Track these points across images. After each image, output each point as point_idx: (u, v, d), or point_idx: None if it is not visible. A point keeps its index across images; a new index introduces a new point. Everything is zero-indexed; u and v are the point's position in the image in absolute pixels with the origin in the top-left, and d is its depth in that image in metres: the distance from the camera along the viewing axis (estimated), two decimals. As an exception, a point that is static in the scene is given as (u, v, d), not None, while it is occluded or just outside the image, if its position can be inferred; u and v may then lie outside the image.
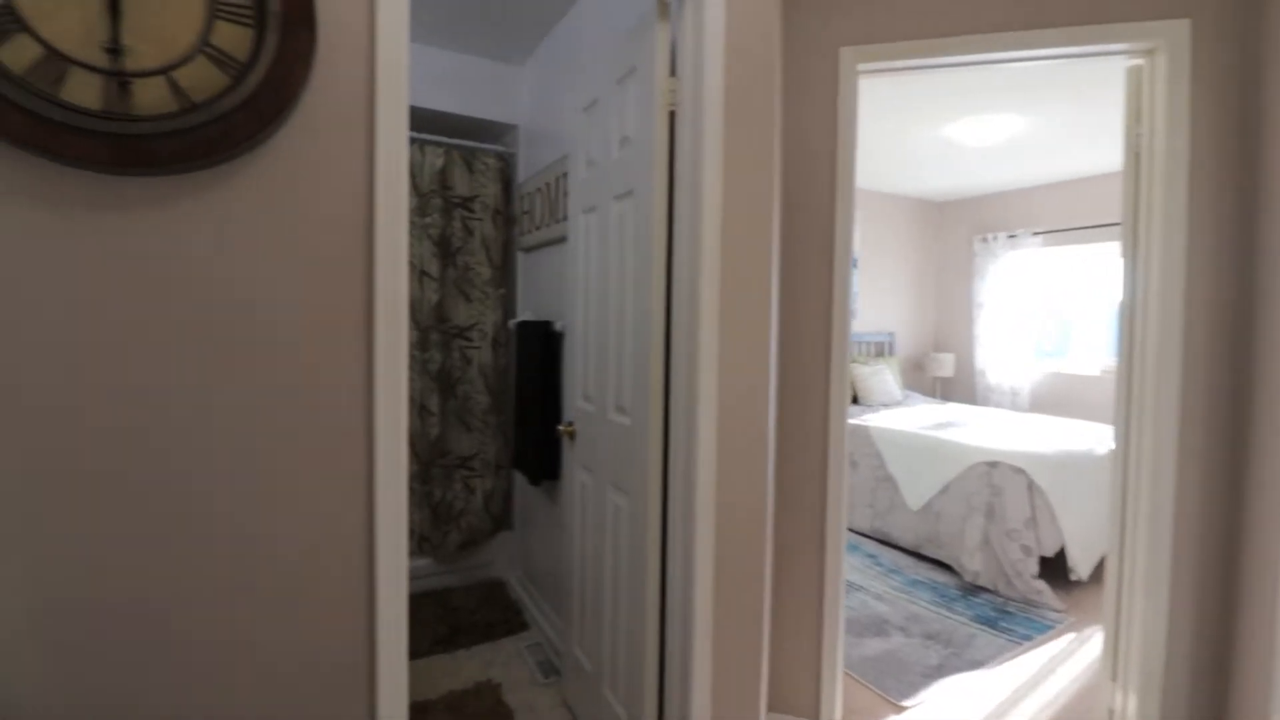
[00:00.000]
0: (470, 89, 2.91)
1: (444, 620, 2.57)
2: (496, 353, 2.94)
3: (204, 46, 0.96)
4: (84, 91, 0.89)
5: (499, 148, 2.97)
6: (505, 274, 3.01)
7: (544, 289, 2.70)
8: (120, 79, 0.91)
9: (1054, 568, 3.05)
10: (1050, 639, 2.58)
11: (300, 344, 1.05)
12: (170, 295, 0.96)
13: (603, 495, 1.81)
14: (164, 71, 0.94)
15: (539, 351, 2.47)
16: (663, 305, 1.55)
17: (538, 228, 2.70)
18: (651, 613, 1.56)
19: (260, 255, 1.02)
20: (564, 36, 2.51)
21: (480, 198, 2.89)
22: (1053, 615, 2.78)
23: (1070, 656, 2.44)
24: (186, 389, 0.97)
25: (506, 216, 3.01)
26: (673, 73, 1.57)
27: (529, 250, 2.88)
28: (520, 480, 2.97)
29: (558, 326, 2.38)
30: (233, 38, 0.98)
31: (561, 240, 2.44)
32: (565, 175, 2.35)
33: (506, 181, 2.99)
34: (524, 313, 2.92)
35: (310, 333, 1.06)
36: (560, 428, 2.02)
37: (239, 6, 0.98)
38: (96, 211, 0.92)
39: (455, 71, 2.87)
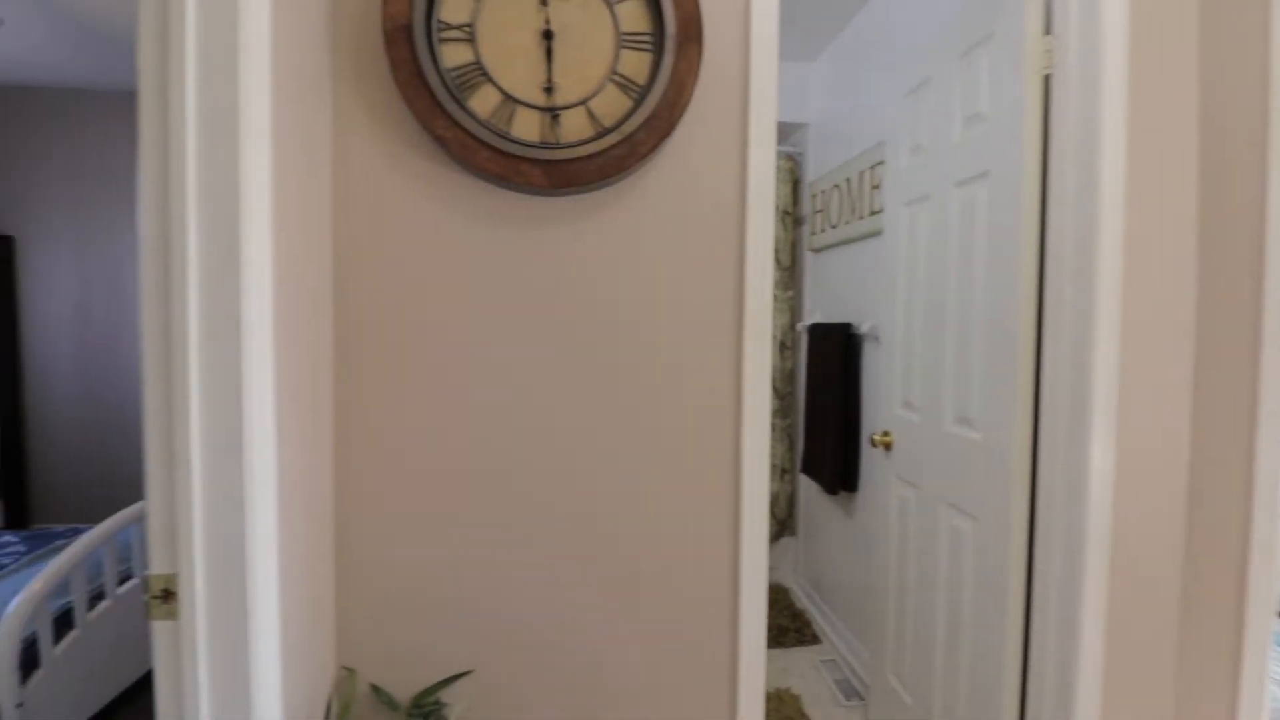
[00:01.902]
0: (760, 93, 2.91)
1: (731, 619, 2.60)
2: (783, 356, 2.90)
3: (612, 76, 1.06)
4: (527, 127, 1.05)
5: (788, 148, 2.93)
6: (793, 276, 2.96)
7: (838, 290, 2.58)
8: (552, 113, 1.05)
9: None
10: None
11: (682, 327, 1.13)
12: (586, 288, 1.11)
13: (933, 515, 1.63)
14: (583, 102, 1.06)
15: (837, 355, 2.36)
16: (1033, 303, 1.34)
17: (833, 226, 2.59)
18: (1011, 662, 1.35)
19: (650, 255, 1.11)
20: (866, 25, 2.36)
21: (770, 200, 2.88)
22: None
23: None
24: (598, 349, 1.12)
25: (795, 217, 2.96)
26: (1046, 31, 1.34)
27: (820, 250, 2.78)
28: (805, 486, 2.89)
29: (863, 329, 2.24)
30: (635, 64, 1.07)
31: (865, 237, 2.30)
32: (874, 168, 2.20)
33: (795, 182, 2.94)
34: (813, 315, 2.83)
35: (688, 318, 1.13)
36: (874, 437, 1.88)
37: (641, 34, 1.06)
38: (536, 226, 1.08)
39: (748, 77, 2.90)
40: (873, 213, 2.22)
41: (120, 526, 1.86)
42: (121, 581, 1.95)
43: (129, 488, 3.57)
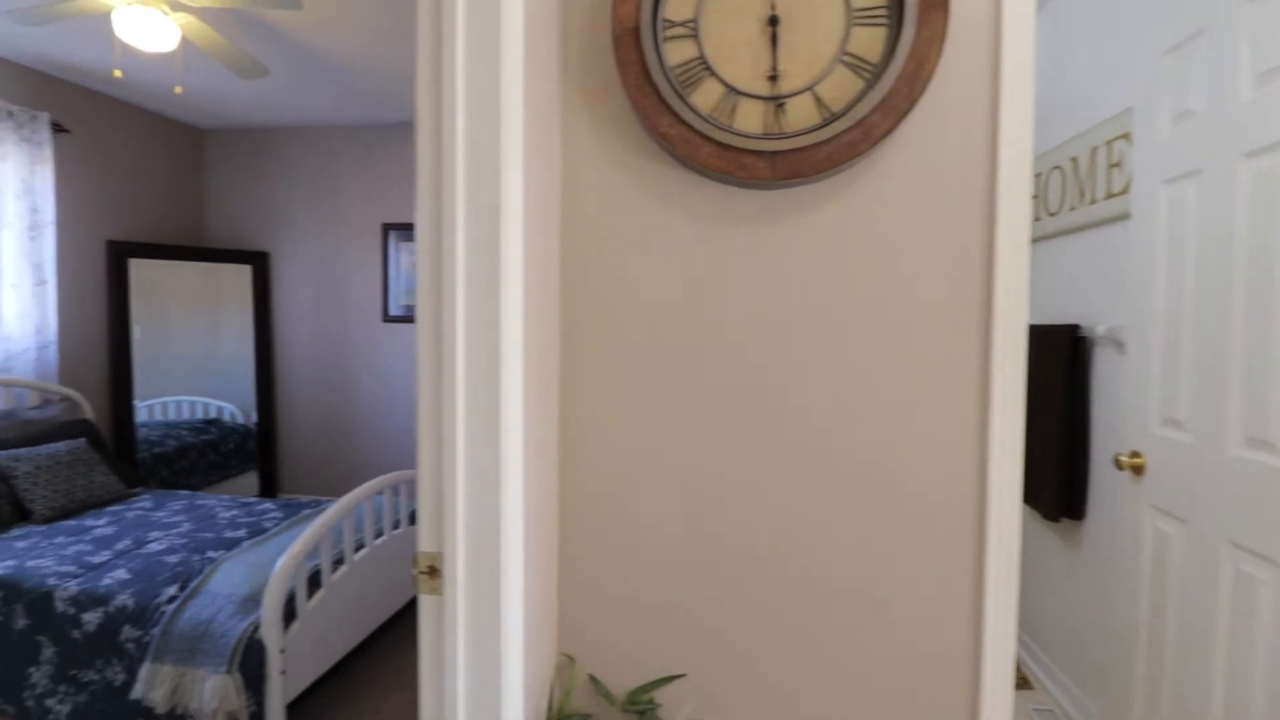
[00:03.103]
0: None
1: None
2: (983, 361, 2.60)
3: (842, 56, 1.00)
4: (749, 119, 1.02)
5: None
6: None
7: (1059, 287, 2.26)
8: (776, 102, 1.01)
9: None
10: None
11: (920, 328, 1.04)
12: (812, 283, 1.05)
13: (1211, 556, 1.35)
14: (809, 88, 1.00)
15: (1060, 362, 2.06)
16: (1381, 297, 1.05)
17: (1052, 214, 2.28)
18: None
19: (884, 247, 1.03)
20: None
21: (968, 188, 2.61)
22: None
23: None
24: (826, 349, 1.05)
25: (998, 206, 2.65)
26: (1404, -51, 1.05)
27: (1033, 242, 2.46)
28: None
29: (1096, 331, 1.93)
30: (867, 41, 0.99)
31: (1099, 224, 1.98)
32: (1112, 142, 1.89)
33: (999, 166, 2.63)
34: (1022, 315, 2.51)
35: (928, 317, 1.03)
36: (1119, 458, 1.61)
37: (875, 8, 0.98)
38: (759, 221, 1.05)
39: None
40: (1110, 195, 1.91)
41: (359, 501, 2.13)
42: (356, 549, 2.23)
43: (355, 466, 4.12)
